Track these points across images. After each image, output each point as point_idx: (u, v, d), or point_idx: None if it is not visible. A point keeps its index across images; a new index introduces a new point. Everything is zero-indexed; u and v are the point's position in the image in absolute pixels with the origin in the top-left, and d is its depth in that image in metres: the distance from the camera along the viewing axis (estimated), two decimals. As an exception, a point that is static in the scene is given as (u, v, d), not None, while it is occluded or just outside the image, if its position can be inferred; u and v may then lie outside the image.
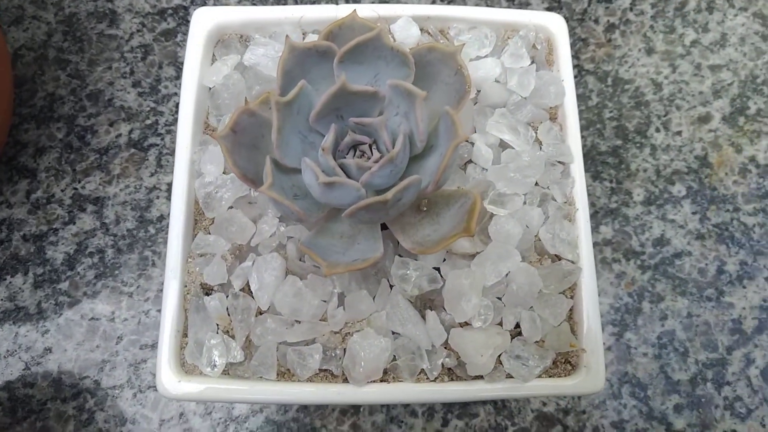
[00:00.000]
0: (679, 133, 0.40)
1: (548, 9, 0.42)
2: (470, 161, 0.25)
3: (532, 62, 0.26)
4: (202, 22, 0.26)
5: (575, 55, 0.41)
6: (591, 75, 0.41)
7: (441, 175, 0.20)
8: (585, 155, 0.39)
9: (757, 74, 0.41)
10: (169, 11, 0.41)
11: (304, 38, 0.27)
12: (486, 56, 0.26)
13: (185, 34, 0.41)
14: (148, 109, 0.39)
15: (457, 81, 0.23)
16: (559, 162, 0.25)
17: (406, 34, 0.26)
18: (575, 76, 0.40)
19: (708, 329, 0.36)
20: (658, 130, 0.40)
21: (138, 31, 0.41)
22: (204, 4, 0.41)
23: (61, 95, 0.39)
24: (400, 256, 0.23)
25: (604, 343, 0.35)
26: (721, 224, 0.38)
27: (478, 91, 0.26)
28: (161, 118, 0.39)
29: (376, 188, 0.22)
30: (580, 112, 0.40)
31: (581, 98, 0.40)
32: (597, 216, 0.38)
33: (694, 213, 0.38)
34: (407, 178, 0.20)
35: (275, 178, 0.21)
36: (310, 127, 0.22)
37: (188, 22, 0.41)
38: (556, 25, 0.26)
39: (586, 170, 0.38)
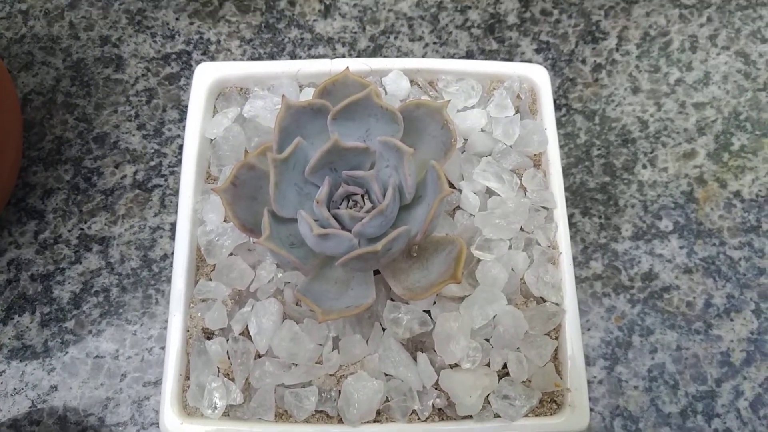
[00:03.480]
0: (665, 169, 0.41)
1: (537, 50, 0.44)
2: (459, 207, 0.26)
3: (517, 112, 0.28)
4: (204, 76, 0.28)
5: (563, 95, 0.42)
6: (579, 114, 0.42)
7: (428, 225, 0.22)
8: (574, 192, 0.40)
9: (740, 111, 0.42)
10: (173, 56, 0.43)
11: (300, 90, 0.28)
12: (473, 107, 0.28)
13: (188, 78, 0.43)
14: (152, 151, 0.41)
15: (443, 134, 0.24)
16: (543, 207, 0.26)
17: (396, 87, 0.27)
18: (564, 116, 0.42)
19: (697, 362, 0.37)
20: (644, 166, 0.41)
21: (143, 75, 0.43)
22: (206, 50, 0.43)
23: (69, 138, 0.41)
24: (392, 300, 0.24)
25: (595, 377, 0.36)
26: (707, 258, 0.39)
27: (466, 140, 0.27)
28: (165, 160, 0.40)
29: (368, 237, 0.23)
30: (569, 150, 0.41)
31: (570, 136, 0.41)
32: (587, 251, 0.39)
33: (681, 247, 0.39)
34: (396, 229, 0.21)
35: (272, 230, 0.22)
36: (306, 180, 0.24)
37: (191, 66, 0.43)
38: (539, 75, 0.28)
39: (576, 206, 0.40)
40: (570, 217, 0.39)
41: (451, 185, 0.27)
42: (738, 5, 0.46)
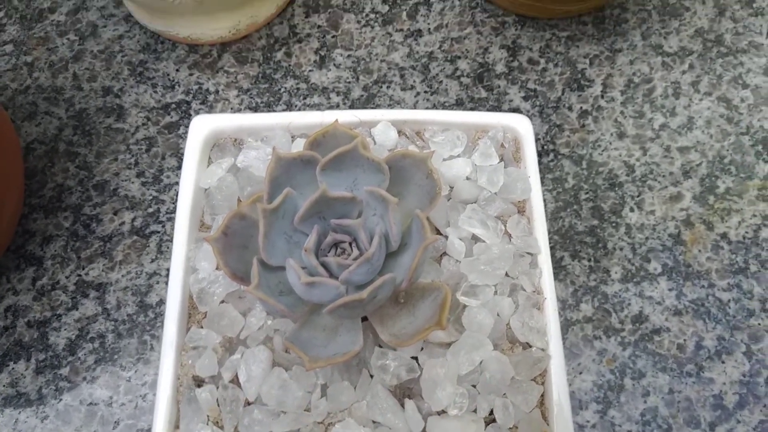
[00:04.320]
0: (652, 212, 0.42)
1: (525, 98, 0.45)
2: (445, 254, 0.27)
3: (501, 160, 0.29)
4: (200, 128, 0.29)
5: (551, 141, 0.44)
6: (567, 159, 0.43)
7: (413, 273, 0.22)
8: (563, 235, 0.41)
9: (724, 155, 0.43)
10: (173, 105, 0.45)
11: (293, 141, 0.29)
12: (458, 155, 0.29)
13: (187, 126, 0.44)
14: (151, 197, 0.42)
15: (428, 184, 0.25)
16: (528, 253, 0.27)
17: (384, 137, 0.29)
18: (552, 161, 0.43)
19: (690, 405, 0.37)
20: (632, 209, 0.42)
21: (143, 124, 0.44)
22: (204, 100, 0.45)
23: (69, 186, 0.42)
24: (380, 346, 0.25)
25: (588, 421, 0.36)
26: (697, 300, 0.39)
27: (452, 188, 0.28)
28: (162, 207, 0.41)
29: (355, 284, 0.24)
30: (558, 194, 0.42)
31: (558, 181, 0.42)
32: (577, 294, 0.39)
33: (670, 289, 0.39)
34: (381, 278, 0.22)
35: (261, 278, 0.23)
36: (296, 228, 0.24)
37: (190, 115, 0.44)
38: (522, 125, 0.29)
39: (565, 249, 0.40)
40: (560, 260, 0.40)
41: (438, 232, 0.27)
42: (719, 52, 0.47)
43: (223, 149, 0.29)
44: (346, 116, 0.29)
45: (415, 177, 0.25)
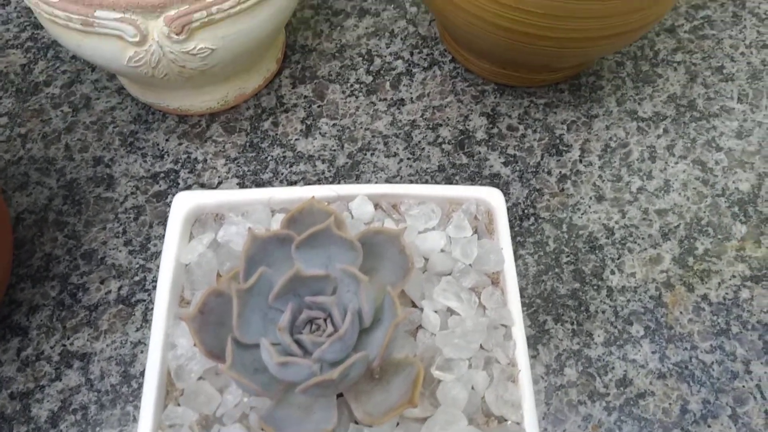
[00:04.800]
0: (633, 274, 0.42)
1: (505, 163, 0.46)
2: (420, 327, 0.27)
3: (475, 232, 0.29)
4: (182, 205, 0.30)
5: (531, 205, 0.45)
6: (547, 223, 0.44)
7: (384, 350, 0.23)
8: (546, 299, 0.41)
9: (701, 216, 0.44)
10: (162, 174, 0.46)
11: (273, 215, 0.30)
12: (433, 228, 0.30)
13: (175, 194, 0.45)
14: (137, 266, 0.42)
15: (401, 259, 0.25)
16: (502, 325, 0.27)
17: (361, 211, 0.29)
18: (532, 224, 0.44)
19: (677, 472, 0.36)
20: (613, 272, 0.42)
21: (132, 193, 0.45)
22: (193, 169, 0.46)
23: (57, 255, 0.43)
24: (355, 422, 0.25)
25: (574, 490, 0.36)
26: (680, 363, 0.39)
27: (427, 260, 0.29)
28: (149, 275, 0.42)
29: (329, 362, 0.24)
30: (539, 257, 0.42)
31: (539, 244, 0.43)
32: (560, 358, 0.39)
33: (653, 352, 0.40)
34: (352, 357, 0.22)
35: (236, 357, 0.23)
36: (271, 305, 0.25)
37: (178, 184, 0.45)
38: (494, 198, 0.30)
39: (548, 313, 0.41)
40: (542, 324, 0.40)
41: (414, 304, 0.28)
42: (692, 117, 0.49)
43: (205, 224, 0.30)
44: (324, 191, 0.30)
45: (389, 252, 0.26)
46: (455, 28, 0.44)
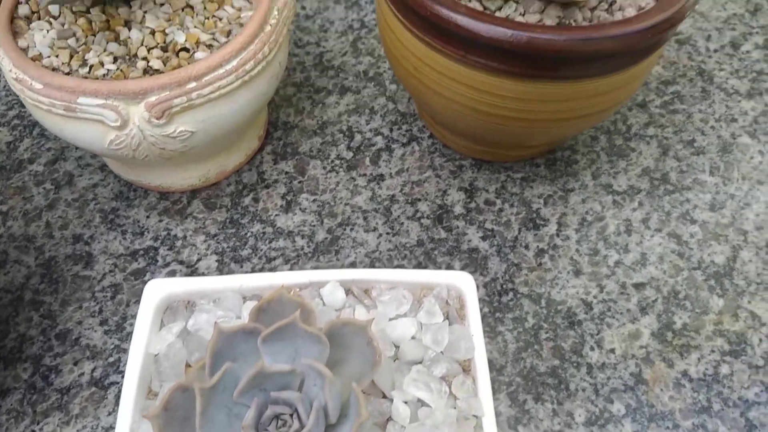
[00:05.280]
0: (612, 350, 0.42)
1: (483, 238, 0.47)
2: (390, 419, 0.27)
3: (446, 318, 0.29)
4: (153, 293, 0.30)
5: (510, 280, 0.45)
6: (526, 298, 0.44)
7: (350, 449, 0.22)
8: (525, 377, 0.41)
9: (678, 290, 0.45)
10: (141, 252, 0.46)
11: (244, 302, 0.30)
12: (404, 314, 0.30)
13: (153, 272, 0.45)
14: (113, 347, 0.42)
15: (369, 350, 0.25)
16: (473, 416, 0.27)
17: (333, 298, 0.29)
18: (511, 300, 0.44)
19: None
20: (592, 348, 0.42)
21: (110, 271, 0.45)
22: (172, 245, 0.46)
23: (32, 336, 0.42)
24: None
25: None
26: (663, 443, 0.39)
27: (398, 348, 0.29)
28: (124, 356, 0.41)
29: (294, 459, 0.24)
30: (518, 333, 0.42)
31: (518, 320, 0.43)
32: (541, 440, 0.39)
33: (635, 432, 0.39)
34: (316, 458, 0.22)
35: (198, 458, 0.22)
36: (236, 401, 0.24)
37: (157, 261, 0.45)
38: (465, 283, 0.30)
39: (528, 392, 0.40)
40: (523, 403, 0.40)
41: (384, 395, 0.28)
42: (665, 190, 0.50)
43: (176, 312, 0.30)
44: (296, 277, 0.30)
45: (356, 344, 0.26)
46: (431, 108, 0.45)
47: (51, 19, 0.40)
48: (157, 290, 0.30)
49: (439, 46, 0.38)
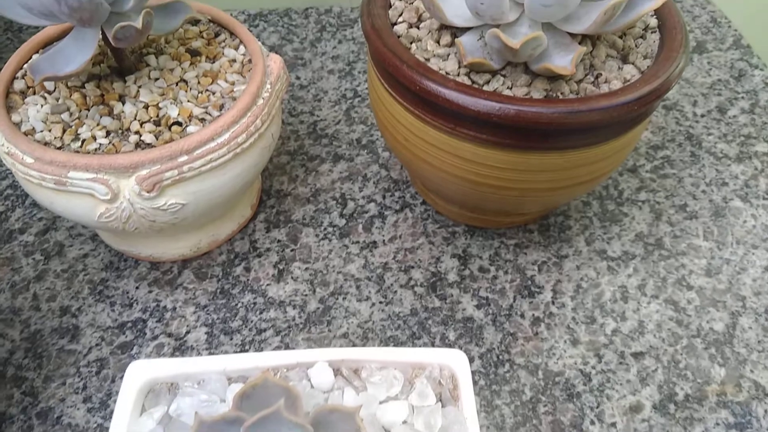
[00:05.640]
0: (613, 424, 0.41)
1: (477, 306, 0.46)
2: None
3: (439, 399, 0.28)
4: (135, 376, 0.29)
5: (506, 350, 0.44)
6: (522, 369, 0.43)
7: None
8: (524, 454, 0.39)
9: (679, 359, 0.43)
10: (129, 324, 0.45)
11: (229, 383, 0.29)
12: (396, 396, 0.29)
13: (141, 346, 0.44)
14: (95, 425, 0.40)
15: (358, 438, 0.24)
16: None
17: (321, 379, 0.29)
18: (507, 371, 0.43)
19: None
20: (593, 422, 0.41)
21: (96, 345, 0.44)
22: (161, 317, 0.45)
23: (12, 414, 0.41)
24: None
25: None
26: None
27: (389, 432, 0.28)
28: (106, 435, 0.40)
29: None
30: (515, 407, 0.41)
31: (515, 393, 0.42)
32: None
33: None
34: None
35: None
36: (218, 495, 0.23)
37: (145, 334, 0.44)
38: (458, 362, 0.29)
39: (527, 471, 0.38)
40: (522, 483, 0.38)
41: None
42: (660, 255, 0.49)
43: (158, 395, 0.29)
44: (282, 358, 0.29)
45: (343, 431, 0.25)
46: (423, 177, 0.45)
47: (46, 94, 0.41)
48: (139, 373, 0.29)
49: (429, 118, 0.39)
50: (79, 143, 0.38)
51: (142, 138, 0.38)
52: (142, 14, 0.34)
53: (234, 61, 0.44)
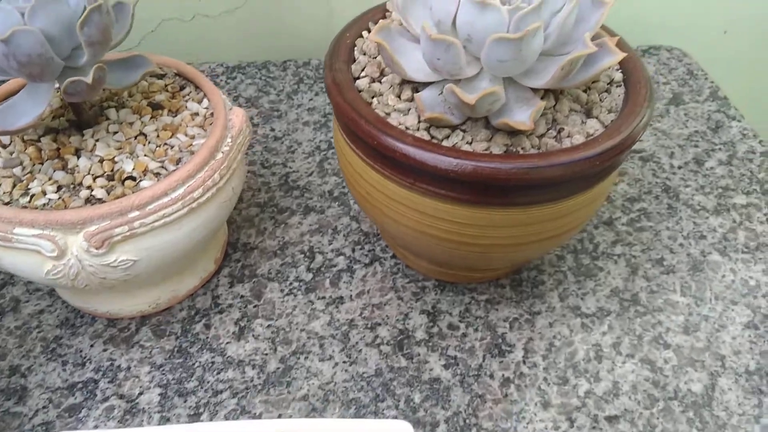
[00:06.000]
0: (586, 495, 0.38)
1: (445, 366, 0.44)
2: None
3: (383, 476, 0.27)
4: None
5: (473, 413, 0.42)
6: (490, 434, 0.41)
7: None
8: None
9: (655, 423, 0.41)
10: (79, 385, 0.43)
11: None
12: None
13: (90, 408, 0.42)
14: (34, 496, 0.38)
15: None
16: None
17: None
18: (474, 437, 0.40)
19: None
20: (564, 493, 0.38)
21: (44, 407, 0.42)
22: (114, 378, 0.43)
23: (-53, 484, 0.38)
24: None
25: None
26: None
27: None
28: (45, 507, 0.37)
29: None
30: (482, 476, 0.39)
31: (482, 461, 0.39)
32: None
33: None
34: None
35: None
36: None
37: (95, 395, 0.42)
38: (405, 433, 0.27)
39: None
40: None
41: None
42: (636, 312, 0.48)
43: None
44: (227, 429, 0.27)
45: None
46: (387, 232, 0.44)
47: (1, 148, 0.40)
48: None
49: (389, 173, 0.38)
50: (28, 198, 0.37)
51: (93, 193, 0.37)
52: (93, 69, 0.34)
53: (196, 114, 0.43)
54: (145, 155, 0.40)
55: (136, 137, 0.41)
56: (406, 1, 0.37)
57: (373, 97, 0.40)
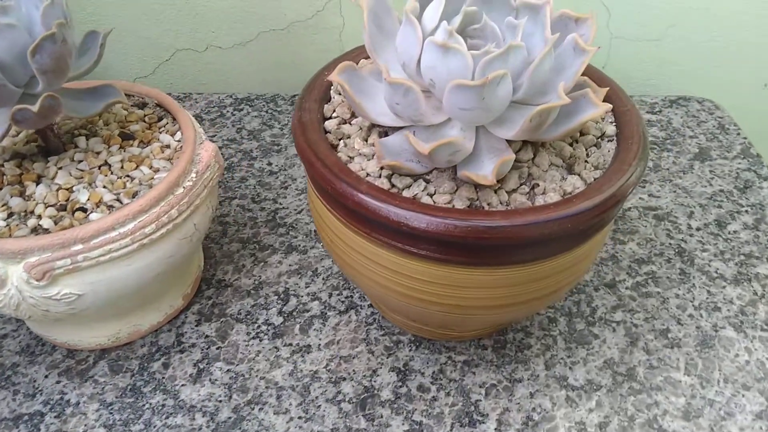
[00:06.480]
0: None
1: (407, 432, 0.40)
2: None
3: None
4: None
5: (429, 490, 0.38)
6: None
7: None
8: None
9: None
10: (25, 417, 0.41)
11: None
12: None
13: (31, 444, 0.40)
14: None
15: None
16: None
17: None
18: None
19: None
20: None
21: (-14, 438, 0.40)
22: (61, 413, 0.41)
23: None
24: None
25: None
26: None
27: None
28: None
29: None
30: None
31: None
32: None
33: None
34: None
35: None
36: None
37: (40, 429, 0.40)
38: None
39: None
40: None
41: None
42: (631, 389, 0.43)
43: None
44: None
45: None
46: (353, 282, 0.41)
47: (-35, 172, 0.40)
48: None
49: (346, 220, 0.35)
50: (-22, 223, 0.36)
51: (40, 222, 0.36)
52: (41, 98, 0.33)
53: (167, 146, 0.42)
54: (104, 186, 0.39)
55: (100, 167, 0.40)
56: (374, 42, 0.35)
57: (340, 140, 0.38)
